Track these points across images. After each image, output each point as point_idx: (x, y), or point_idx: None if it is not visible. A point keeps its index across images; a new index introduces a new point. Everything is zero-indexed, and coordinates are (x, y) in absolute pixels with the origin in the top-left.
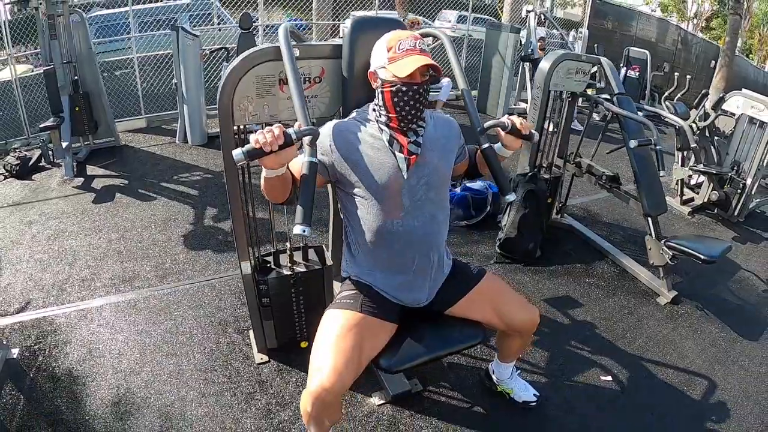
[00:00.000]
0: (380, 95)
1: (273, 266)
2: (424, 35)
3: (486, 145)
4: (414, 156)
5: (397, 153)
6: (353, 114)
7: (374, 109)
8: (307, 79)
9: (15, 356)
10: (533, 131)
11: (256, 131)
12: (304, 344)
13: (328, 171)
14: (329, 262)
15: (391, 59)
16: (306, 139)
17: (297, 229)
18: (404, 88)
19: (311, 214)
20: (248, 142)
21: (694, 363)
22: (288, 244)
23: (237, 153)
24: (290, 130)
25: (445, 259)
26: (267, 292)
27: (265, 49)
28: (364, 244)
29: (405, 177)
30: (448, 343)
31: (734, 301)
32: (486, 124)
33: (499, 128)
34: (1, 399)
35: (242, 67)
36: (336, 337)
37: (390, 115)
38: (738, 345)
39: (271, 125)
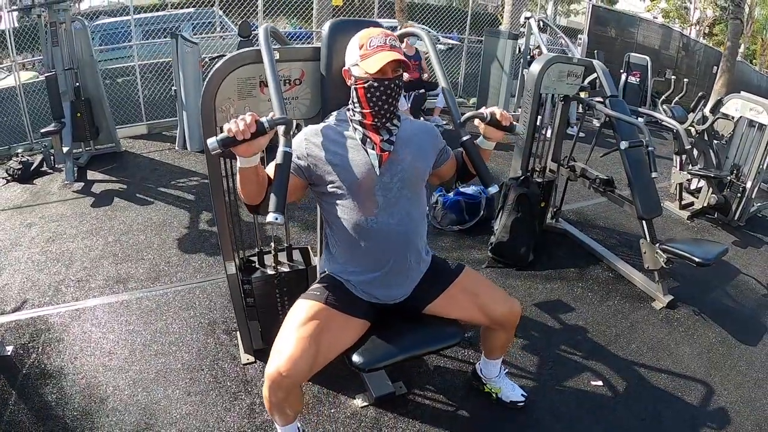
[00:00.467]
0: (354, 92)
1: (257, 266)
2: (406, 35)
3: (465, 137)
4: (386, 153)
5: (369, 150)
6: (329, 117)
7: (349, 108)
8: (287, 81)
9: (9, 353)
10: (514, 123)
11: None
12: None
13: (305, 174)
14: (314, 263)
15: (363, 56)
16: (280, 129)
17: (270, 217)
18: (376, 84)
19: (284, 203)
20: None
21: (689, 368)
22: (272, 244)
23: (211, 141)
24: (263, 119)
25: (422, 256)
26: (251, 291)
27: (246, 53)
28: (341, 242)
29: (378, 173)
30: (426, 342)
31: (733, 305)
32: (464, 116)
33: (478, 119)
34: None
35: (224, 70)
36: (296, 324)
37: (364, 111)
38: (736, 350)
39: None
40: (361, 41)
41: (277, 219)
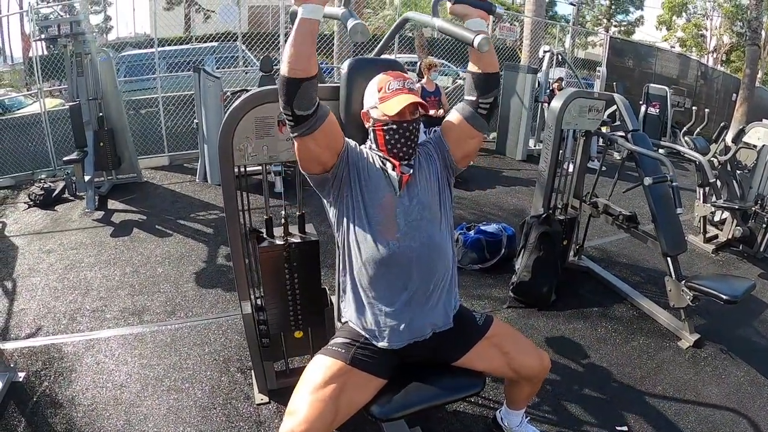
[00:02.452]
0: (372, 134)
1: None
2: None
3: (438, 20)
4: (406, 175)
5: (390, 171)
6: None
7: (367, 147)
8: None
9: (21, 379)
10: (493, 3)
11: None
12: (299, 334)
13: (345, 146)
14: (332, 301)
15: (382, 99)
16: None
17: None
18: (395, 126)
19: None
20: (248, 182)
21: (718, 410)
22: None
23: None
24: None
25: (450, 293)
26: (267, 333)
27: (264, 91)
28: (360, 276)
29: (398, 196)
30: (446, 391)
31: (761, 342)
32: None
33: (447, 2)
34: (3, 420)
35: (241, 109)
36: (316, 384)
37: (381, 152)
38: (765, 389)
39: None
40: (380, 84)
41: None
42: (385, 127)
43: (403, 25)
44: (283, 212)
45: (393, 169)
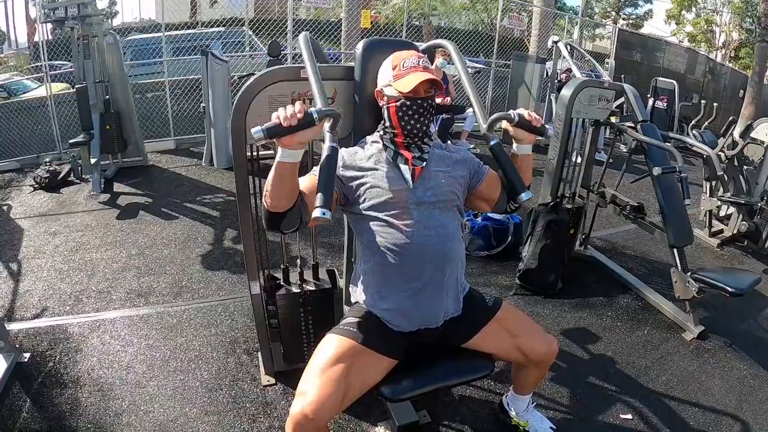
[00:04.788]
0: (386, 111)
1: (282, 283)
2: (434, 47)
3: (493, 141)
4: (419, 168)
5: (401, 165)
6: (363, 141)
7: (379, 130)
8: None
9: (26, 360)
10: (546, 125)
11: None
12: None
13: (342, 188)
14: (340, 285)
15: (396, 76)
16: (327, 126)
17: (317, 212)
18: (408, 103)
19: (331, 199)
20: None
21: (721, 402)
22: (298, 261)
23: (256, 130)
24: (312, 109)
25: (460, 278)
26: (275, 312)
27: (277, 70)
28: (375, 264)
29: (411, 187)
30: (455, 373)
31: (765, 337)
32: (491, 118)
33: (506, 122)
34: (8, 400)
35: (255, 87)
36: (326, 364)
37: (395, 131)
38: None
39: None
40: (395, 62)
41: (324, 214)
42: (398, 104)
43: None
44: (298, 261)
45: (405, 163)
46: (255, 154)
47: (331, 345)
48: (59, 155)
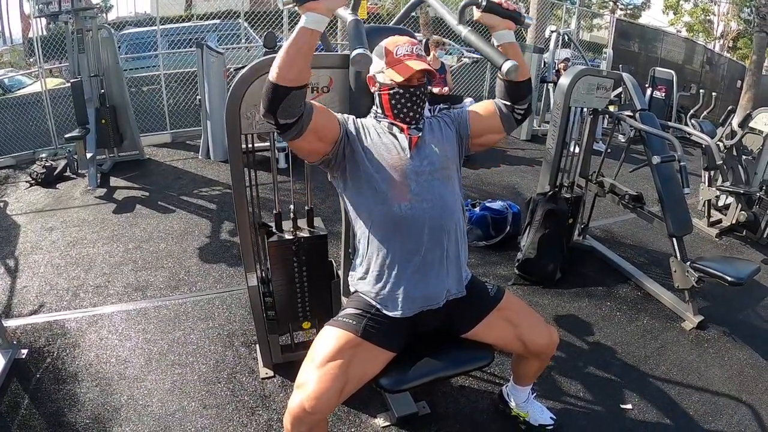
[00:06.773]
0: (378, 98)
1: (274, 230)
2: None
3: (464, 31)
4: (415, 137)
5: (398, 134)
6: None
7: (372, 114)
8: (315, 88)
9: (24, 356)
10: (522, 13)
11: None
12: (306, 324)
13: (344, 129)
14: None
15: (389, 63)
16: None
17: (359, 50)
18: (401, 91)
19: (366, 45)
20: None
21: (720, 391)
22: (291, 207)
23: None
24: None
25: (462, 258)
26: (272, 305)
27: (272, 58)
28: (374, 247)
29: (408, 157)
30: (455, 363)
31: (764, 326)
32: (460, 6)
33: (475, 9)
34: (7, 396)
35: (250, 76)
36: (325, 357)
37: (387, 117)
38: (767, 373)
39: None
40: (387, 48)
41: (364, 50)
42: (391, 92)
43: (418, 5)
44: (291, 207)
45: (401, 132)
46: (251, 145)
47: (331, 337)
48: (55, 150)
